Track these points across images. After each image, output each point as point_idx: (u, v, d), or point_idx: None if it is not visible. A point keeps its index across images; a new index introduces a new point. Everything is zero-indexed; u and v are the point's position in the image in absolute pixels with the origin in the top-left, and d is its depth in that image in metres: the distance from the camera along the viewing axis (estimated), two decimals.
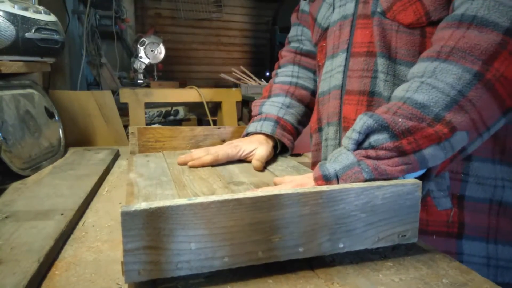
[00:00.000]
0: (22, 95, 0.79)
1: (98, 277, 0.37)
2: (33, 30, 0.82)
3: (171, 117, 1.93)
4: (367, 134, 0.46)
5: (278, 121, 0.76)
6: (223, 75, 3.02)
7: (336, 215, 0.40)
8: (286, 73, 0.84)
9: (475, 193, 0.57)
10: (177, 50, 3.87)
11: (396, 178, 0.45)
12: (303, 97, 0.82)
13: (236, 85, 2.88)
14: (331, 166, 0.48)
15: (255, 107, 0.81)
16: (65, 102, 1.04)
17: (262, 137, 0.75)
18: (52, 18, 0.89)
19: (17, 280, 0.34)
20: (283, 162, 0.74)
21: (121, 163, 0.82)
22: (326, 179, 0.48)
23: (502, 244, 0.57)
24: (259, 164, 0.68)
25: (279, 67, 0.87)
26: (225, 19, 4.07)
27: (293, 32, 0.88)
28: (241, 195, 0.37)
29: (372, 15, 0.60)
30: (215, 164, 0.70)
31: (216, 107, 1.52)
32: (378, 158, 0.45)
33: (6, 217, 0.48)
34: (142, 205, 0.33)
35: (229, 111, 1.41)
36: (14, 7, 0.79)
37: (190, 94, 1.38)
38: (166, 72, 3.55)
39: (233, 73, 3.02)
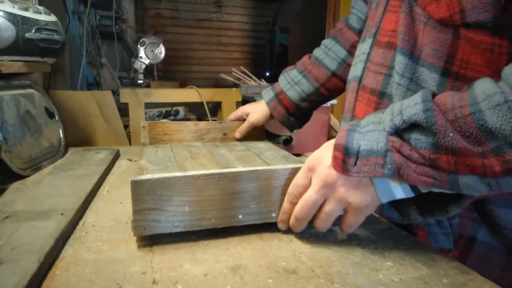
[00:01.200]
0: (22, 95, 0.79)
1: (98, 277, 0.37)
2: (33, 30, 0.82)
3: (171, 117, 1.93)
4: (412, 124, 0.39)
5: (278, 94, 0.87)
6: (223, 75, 3.02)
7: None
8: (323, 46, 0.86)
9: (489, 238, 0.49)
10: (177, 50, 3.87)
11: (416, 187, 0.41)
12: (319, 77, 0.83)
13: (236, 85, 2.88)
14: (358, 139, 0.41)
15: (282, 73, 0.91)
16: (65, 102, 1.04)
17: (263, 104, 0.89)
18: (52, 18, 0.89)
19: (18, 280, 0.34)
20: (274, 152, 0.81)
21: (121, 163, 0.82)
22: (346, 152, 0.41)
23: None
24: (237, 134, 0.89)
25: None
26: (225, 19, 4.07)
27: (352, 3, 0.82)
28: (225, 170, 0.45)
29: None
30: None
31: (216, 107, 1.52)
32: (408, 157, 0.39)
33: (6, 217, 0.48)
34: (147, 176, 0.42)
35: (229, 111, 1.41)
36: (14, 7, 0.79)
37: (190, 94, 1.38)
38: (166, 72, 3.55)
39: (233, 73, 3.02)
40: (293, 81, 0.86)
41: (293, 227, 0.46)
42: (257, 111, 0.88)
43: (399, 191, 0.42)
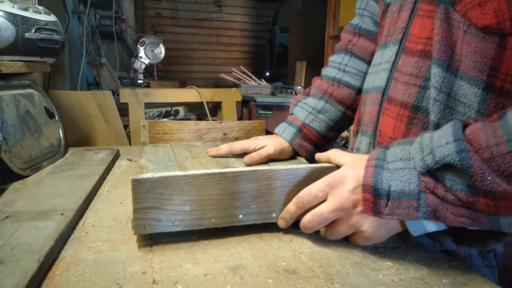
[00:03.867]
0: (22, 95, 0.79)
1: (98, 277, 0.37)
2: (33, 30, 0.82)
3: (171, 117, 1.93)
4: (446, 165, 0.36)
5: (301, 129, 0.73)
6: (223, 75, 3.02)
7: (303, 188, 0.46)
8: (334, 64, 0.76)
9: None
10: (177, 50, 3.87)
11: (452, 226, 0.39)
12: (343, 98, 0.73)
13: (236, 85, 2.89)
14: (387, 178, 0.39)
15: (292, 104, 0.79)
16: (65, 102, 1.04)
17: (282, 139, 0.74)
18: (52, 18, 0.89)
19: (18, 280, 0.34)
20: None
21: (121, 163, 0.82)
22: (376, 193, 0.39)
23: None
24: (248, 160, 0.69)
25: (333, 53, 0.79)
26: (225, 19, 4.07)
27: (358, 3, 0.75)
28: (225, 170, 0.45)
29: (438, 3, 0.45)
30: (230, 155, 0.74)
31: (216, 107, 1.52)
32: (443, 199, 0.37)
33: (6, 217, 0.48)
34: (148, 175, 0.42)
35: (229, 111, 1.41)
36: (14, 7, 0.79)
37: (190, 94, 1.38)
38: (166, 72, 3.55)
39: (233, 73, 3.02)
40: (315, 110, 0.73)
41: (302, 230, 0.46)
42: (273, 143, 0.72)
43: (432, 226, 0.41)
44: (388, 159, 0.41)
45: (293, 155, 0.75)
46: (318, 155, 0.53)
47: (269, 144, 0.72)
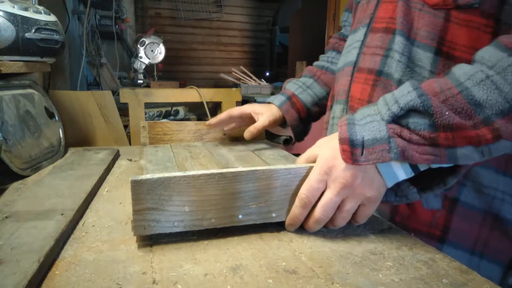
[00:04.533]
0: (22, 95, 0.79)
1: (98, 277, 0.37)
2: (33, 30, 0.82)
3: (171, 117, 1.93)
4: (408, 111, 0.43)
5: (290, 97, 0.84)
6: (223, 75, 3.02)
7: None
8: (323, 58, 0.91)
9: (470, 199, 0.54)
10: (177, 50, 3.87)
11: (415, 166, 0.46)
12: (329, 82, 0.85)
13: (236, 85, 2.88)
14: (360, 131, 0.45)
15: (285, 83, 0.91)
16: (65, 102, 1.04)
17: (275, 107, 0.84)
18: (52, 18, 0.89)
19: (18, 280, 0.34)
20: (274, 152, 0.81)
21: (121, 163, 0.82)
22: (352, 144, 0.45)
23: (487, 259, 0.54)
24: (248, 134, 0.80)
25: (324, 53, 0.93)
26: (225, 19, 4.07)
27: (342, 17, 0.89)
28: (225, 170, 0.45)
29: None
30: (230, 121, 0.86)
31: (216, 107, 1.52)
32: (409, 140, 0.43)
33: (6, 217, 0.48)
34: (147, 176, 0.42)
35: None
36: (14, 7, 0.79)
37: (190, 94, 1.38)
38: (166, 72, 3.55)
39: (233, 73, 3.02)
40: (305, 85, 0.86)
41: (311, 229, 0.48)
42: (267, 113, 0.83)
43: (401, 173, 0.46)
44: (357, 118, 0.47)
45: (283, 124, 0.85)
46: (298, 159, 0.54)
47: (264, 114, 0.82)
